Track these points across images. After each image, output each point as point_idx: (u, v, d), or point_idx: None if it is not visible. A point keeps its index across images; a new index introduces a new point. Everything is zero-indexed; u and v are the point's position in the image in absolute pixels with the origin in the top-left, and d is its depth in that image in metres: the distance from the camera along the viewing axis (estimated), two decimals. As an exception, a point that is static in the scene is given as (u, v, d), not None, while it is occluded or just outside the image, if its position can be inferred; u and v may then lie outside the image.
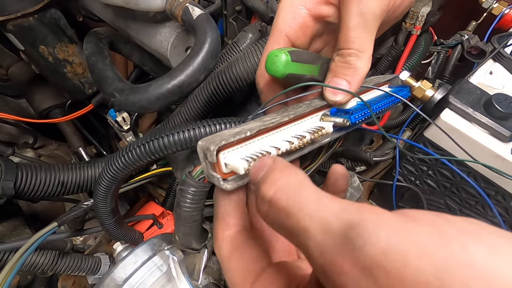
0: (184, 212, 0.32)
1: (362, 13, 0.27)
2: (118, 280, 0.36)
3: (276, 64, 0.27)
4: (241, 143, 0.24)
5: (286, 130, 0.27)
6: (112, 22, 0.60)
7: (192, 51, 0.40)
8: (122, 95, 0.40)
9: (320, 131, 0.28)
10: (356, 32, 0.27)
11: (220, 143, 0.22)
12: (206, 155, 0.23)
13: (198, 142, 0.23)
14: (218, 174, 0.24)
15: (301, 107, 0.30)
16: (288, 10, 0.31)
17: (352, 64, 0.29)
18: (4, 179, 0.48)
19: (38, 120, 0.74)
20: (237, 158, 0.23)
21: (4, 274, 0.33)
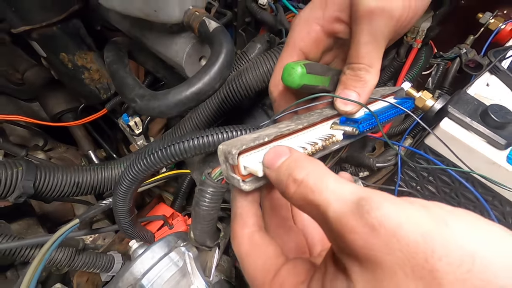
0: (203, 211, 0.35)
1: (372, 32, 0.29)
2: (137, 274, 0.38)
3: (293, 76, 0.30)
4: (259, 147, 0.27)
5: (299, 137, 0.30)
6: (128, 31, 0.63)
7: (209, 61, 0.43)
8: (143, 100, 0.43)
9: (331, 139, 0.30)
10: (366, 48, 0.30)
11: (241, 147, 0.24)
12: (227, 158, 0.25)
13: (219, 146, 0.26)
14: (238, 176, 0.26)
15: (313, 115, 0.32)
16: (303, 25, 0.34)
17: (362, 78, 0.31)
18: (25, 179, 0.50)
19: (52, 123, 0.77)
20: (256, 161, 0.25)
21: (33, 269, 0.35)
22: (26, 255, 0.46)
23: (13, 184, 0.49)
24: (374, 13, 0.29)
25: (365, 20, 0.29)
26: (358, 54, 0.31)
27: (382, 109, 0.36)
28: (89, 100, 0.71)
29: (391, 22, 0.29)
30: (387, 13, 0.29)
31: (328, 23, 0.33)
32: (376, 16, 0.29)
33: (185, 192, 0.77)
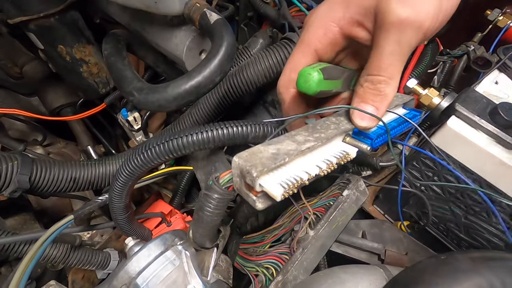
0: (206, 217, 0.33)
1: (400, 42, 0.27)
2: (132, 273, 0.37)
3: (309, 82, 0.28)
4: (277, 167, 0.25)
5: (316, 152, 0.29)
6: (128, 24, 0.62)
7: (209, 54, 0.42)
8: (141, 94, 0.41)
9: (345, 157, 0.29)
10: (390, 60, 0.28)
11: (262, 170, 0.23)
12: (244, 176, 0.24)
13: (234, 158, 0.25)
14: (253, 195, 0.25)
15: (330, 128, 0.31)
16: (319, 25, 0.31)
17: (381, 91, 0.30)
18: (20, 173, 0.49)
19: (51, 118, 0.76)
20: (274, 183, 0.24)
21: (24, 265, 0.34)
22: (20, 251, 0.44)
23: (7, 178, 0.48)
24: (403, 24, 0.27)
25: (392, 30, 0.27)
26: (380, 65, 0.29)
27: (393, 121, 0.35)
28: (88, 94, 0.69)
29: (419, 33, 0.27)
30: (416, 24, 0.27)
31: (348, 26, 0.31)
32: (405, 27, 0.27)
33: (184, 189, 0.76)
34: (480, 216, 0.52)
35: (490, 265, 0.31)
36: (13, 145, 0.73)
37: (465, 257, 0.32)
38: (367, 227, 0.64)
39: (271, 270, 0.47)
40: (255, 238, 0.51)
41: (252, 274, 0.48)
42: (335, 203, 0.55)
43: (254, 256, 0.49)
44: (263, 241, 0.50)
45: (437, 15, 0.27)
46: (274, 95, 0.75)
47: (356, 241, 0.59)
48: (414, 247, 0.61)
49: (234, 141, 0.36)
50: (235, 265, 0.50)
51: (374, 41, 0.29)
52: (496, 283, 0.29)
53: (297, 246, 0.49)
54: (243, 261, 0.49)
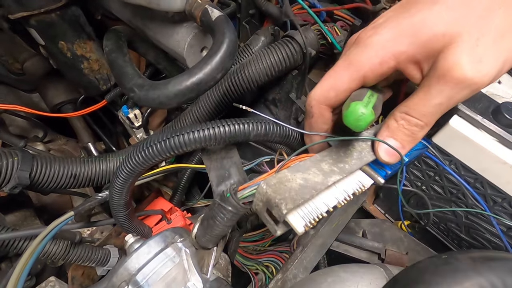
0: (217, 227, 0.33)
1: (452, 98, 0.27)
2: (132, 270, 0.37)
3: (360, 122, 0.26)
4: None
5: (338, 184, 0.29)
6: (129, 21, 0.61)
7: (211, 51, 0.42)
8: (142, 90, 0.41)
9: (361, 189, 0.29)
10: (435, 109, 0.28)
11: (292, 208, 0.23)
12: (271, 207, 0.24)
13: (262, 184, 0.24)
14: (273, 223, 0.25)
15: (353, 158, 0.31)
16: (377, 53, 0.29)
17: (414, 134, 0.30)
18: (20, 169, 0.49)
19: (52, 114, 0.76)
20: (298, 217, 0.24)
21: (24, 260, 0.34)
22: (20, 247, 0.45)
23: (8, 174, 0.48)
24: (464, 82, 0.26)
25: (451, 85, 0.26)
26: (423, 110, 0.28)
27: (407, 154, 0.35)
28: (88, 91, 0.69)
29: (473, 93, 0.27)
30: (475, 87, 0.26)
31: (404, 63, 0.28)
32: (464, 87, 0.26)
33: (184, 187, 0.76)
34: (481, 216, 0.52)
35: (491, 265, 0.31)
36: (13, 141, 0.73)
37: (466, 257, 0.32)
38: (368, 226, 0.64)
39: (271, 268, 0.47)
40: (255, 236, 0.51)
41: (252, 272, 0.48)
42: (336, 202, 0.55)
43: (254, 254, 0.49)
44: (263, 240, 0.50)
45: (496, 78, 0.27)
46: (275, 94, 0.74)
47: (356, 240, 0.59)
48: (415, 246, 0.61)
49: (235, 139, 0.36)
50: (235, 263, 0.50)
51: (426, 85, 0.28)
52: (497, 283, 0.29)
53: (297, 245, 0.49)
54: (243, 259, 0.49)
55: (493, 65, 0.26)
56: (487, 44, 0.25)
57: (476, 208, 0.52)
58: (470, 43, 0.25)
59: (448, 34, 0.26)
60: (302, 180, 0.25)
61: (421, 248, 0.61)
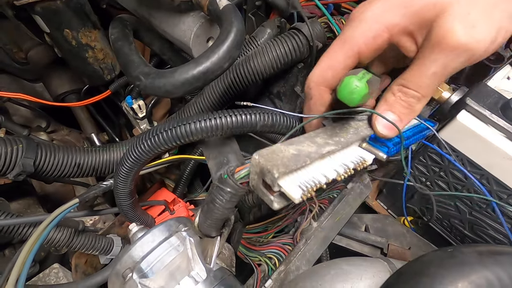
0: (217, 210, 0.33)
1: (447, 66, 0.27)
2: (136, 257, 0.37)
3: (354, 95, 0.27)
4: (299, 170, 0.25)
5: (334, 156, 0.28)
6: (135, 10, 0.61)
7: (218, 40, 0.41)
8: (148, 78, 0.41)
9: (362, 164, 0.29)
10: (431, 80, 0.28)
11: (284, 171, 0.23)
12: (264, 175, 0.24)
13: (254, 155, 0.24)
14: (270, 194, 0.24)
15: (349, 132, 0.31)
16: (370, 27, 0.29)
17: (412, 106, 0.29)
18: (25, 156, 0.49)
19: (55, 103, 0.76)
20: (293, 185, 0.24)
21: (28, 246, 0.34)
22: (24, 233, 0.45)
23: (12, 161, 0.48)
24: (459, 50, 0.26)
25: (445, 52, 0.26)
26: (419, 81, 0.28)
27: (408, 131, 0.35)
28: (93, 80, 0.69)
29: (469, 61, 0.27)
30: (470, 53, 0.26)
31: (398, 35, 0.29)
32: (459, 54, 0.26)
33: (187, 179, 0.76)
34: (485, 212, 0.52)
35: (497, 259, 0.30)
36: (17, 130, 0.73)
37: (472, 251, 0.32)
38: (370, 221, 0.64)
39: (273, 260, 0.47)
40: (258, 228, 0.51)
41: (255, 263, 0.48)
42: (339, 196, 0.54)
43: (257, 245, 0.49)
44: (267, 231, 0.50)
45: (491, 47, 0.26)
46: (280, 87, 0.74)
47: (359, 234, 0.59)
48: (417, 242, 0.61)
49: (242, 129, 0.36)
50: (238, 254, 0.50)
51: (421, 55, 0.27)
52: (504, 277, 0.29)
53: (301, 237, 0.49)
54: (246, 250, 0.49)
55: (487, 32, 0.26)
56: (479, 12, 0.25)
57: (482, 204, 0.52)
58: (461, 11, 0.25)
59: (439, 3, 0.26)
60: (295, 150, 0.25)
61: (423, 243, 0.60)
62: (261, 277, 0.46)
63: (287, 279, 0.44)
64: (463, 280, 0.29)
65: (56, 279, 0.47)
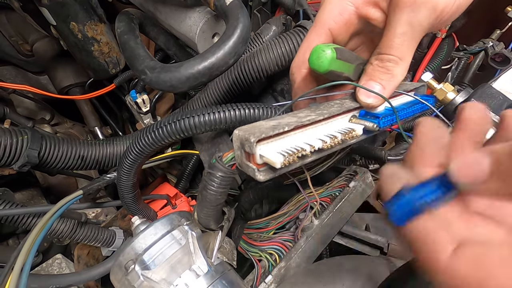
0: (210, 195, 0.33)
1: (411, 23, 0.27)
2: (138, 250, 0.37)
3: (322, 59, 0.28)
4: (278, 136, 0.25)
5: (319, 128, 0.28)
6: (141, 4, 0.61)
7: (224, 36, 0.41)
8: (153, 72, 0.41)
9: (350, 133, 0.28)
10: (401, 39, 0.28)
11: (260, 136, 0.23)
12: (243, 145, 0.24)
13: (235, 131, 0.24)
14: (253, 165, 0.24)
15: (334, 106, 0.31)
16: (335, 4, 0.31)
17: (390, 70, 0.30)
18: (29, 148, 0.50)
19: (59, 96, 0.76)
20: (274, 151, 0.24)
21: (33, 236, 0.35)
22: (28, 223, 0.45)
23: (18, 152, 0.48)
24: (417, 3, 0.26)
25: (406, 9, 0.27)
26: (390, 44, 0.29)
27: (404, 105, 0.35)
28: (98, 73, 0.69)
29: (433, 15, 0.27)
30: (430, 5, 0.26)
31: (363, 6, 0.30)
32: (418, 7, 0.27)
33: (189, 174, 0.76)
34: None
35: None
36: (21, 122, 0.74)
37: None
38: (371, 220, 0.64)
39: (274, 256, 0.48)
40: (259, 223, 0.51)
41: (255, 259, 0.48)
42: (341, 194, 0.55)
43: (258, 241, 0.49)
44: (268, 227, 0.51)
45: None
46: (283, 85, 0.74)
47: (359, 233, 0.59)
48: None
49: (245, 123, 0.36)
50: (239, 250, 0.50)
51: (387, 21, 0.29)
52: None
53: (301, 234, 0.49)
54: (247, 245, 0.50)
55: None
56: None
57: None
58: None
59: None
60: (275, 122, 0.25)
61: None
62: (262, 273, 0.46)
63: (287, 275, 0.45)
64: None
65: (59, 269, 0.47)
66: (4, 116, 0.68)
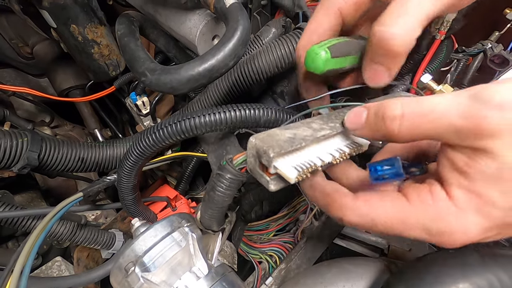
0: (217, 197, 0.33)
1: None
2: (138, 252, 0.37)
3: (316, 62, 0.28)
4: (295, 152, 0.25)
5: (330, 142, 0.29)
6: (141, 7, 0.61)
7: (224, 38, 0.41)
8: (154, 74, 0.41)
9: (358, 149, 0.29)
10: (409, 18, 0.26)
11: (279, 152, 0.23)
12: (260, 156, 0.24)
13: (251, 138, 0.25)
14: (266, 175, 0.25)
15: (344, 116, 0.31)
16: None
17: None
18: (30, 150, 0.50)
19: (60, 98, 0.76)
20: (289, 165, 0.24)
21: (33, 238, 0.35)
22: (28, 226, 0.45)
23: (17, 154, 0.48)
24: None
25: None
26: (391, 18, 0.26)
27: None
28: (98, 76, 0.69)
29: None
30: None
31: None
32: None
33: (189, 176, 0.76)
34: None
35: (499, 261, 0.31)
36: (21, 124, 0.74)
37: (474, 252, 0.32)
38: (371, 222, 0.64)
39: (274, 258, 0.48)
40: (260, 225, 0.51)
41: (256, 261, 0.48)
42: (342, 196, 0.55)
43: (258, 243, 0.49)
44: (268, 229, 0.51)
45: None
46: (283, 86, 0.74)
47: (360, 235, 0.59)
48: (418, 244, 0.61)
49: (245, 124, 0.36)
50: (239, 252, 0.50)
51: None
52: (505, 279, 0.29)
53: (302, 236, 0.49)
54: (247, 247, 0.50)
55: None
56: None
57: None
58: None
59: None
60: (290, 134, 0.26)
61: (424, 245, 0.61)
62: (262, 275, 0.46)
63: (287, 277, 0.45)
64: (464, 281, 0.29)
65: (58, 272, 0.47)
66: (4, 119, 0.68)
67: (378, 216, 0.24)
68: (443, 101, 0.21)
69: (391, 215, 0.24)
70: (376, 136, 0.24)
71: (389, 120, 0.23)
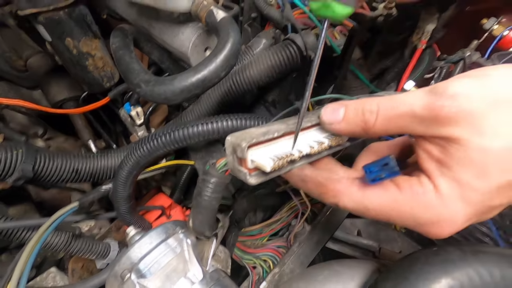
0: (204, 201, 0.34)
1: None
2: (134, 259, 0.38)
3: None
4: (268, 142, 0.27)
5: (308, 133, 0.30)
6: (134, 21, 0.63)
7: (216, 49, 0.43)
8: (148, 86, 0.42)
9: (336, 139, 0.30)
10: None
11: (251, 141, 0.24)
12: (235, 150, 0.25)
13: (227, 137, 0.26)
14: (245, 169, 0.26)
15: None
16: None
17: None
18: (24, 162, 0.50)
19: (54, 110, 0.76)
20: (264, 156, 0.25)
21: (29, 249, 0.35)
22: (23, 237, 0.45)
23: (12, 166, 0.49)
24: None
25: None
26: None
27: None
28: (92, 87, 0.70)
29: None
30: None
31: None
32: None
33: (183, 185, 0.77)
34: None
35: (479, 256, 0.32)
36: (15, 137, 0.74)
37: (456, 249, 0.33)
38: (363, 225, 0.66)
39: (268, 262, 0.48)
40: (253, 231, 0.52)
41: (250, 266, 0.49)
42: (332, 200, 0.56)
43: (252, 248, 0.50)
44: (261, 234, 0.52)
45: None
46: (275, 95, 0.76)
47: (351, 238, 0.60)
48: (408, 246, 0.62)
49: (237, 133, 0.37)
50: (234, 257, 0.51)
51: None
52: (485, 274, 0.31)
53: (294, 240, 0.50)
54: (241, 253, 0.50)
55: None
56: None
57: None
58: None
59: None
60: (265, 129, 0.27)
61: (414, 248, 0.62)
62: (256, 280, 0.47)
63: (281, 281, 0.46)
64: (446, 276, 0.30)
65: (53, 283, 0.47)
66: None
67: (371, 202, 0.26)
68: (410, 95, 0.24)
69: (384, 203, 0.26)
70: (353, 130, 0.27)
71: (368, 113, 0.25)
